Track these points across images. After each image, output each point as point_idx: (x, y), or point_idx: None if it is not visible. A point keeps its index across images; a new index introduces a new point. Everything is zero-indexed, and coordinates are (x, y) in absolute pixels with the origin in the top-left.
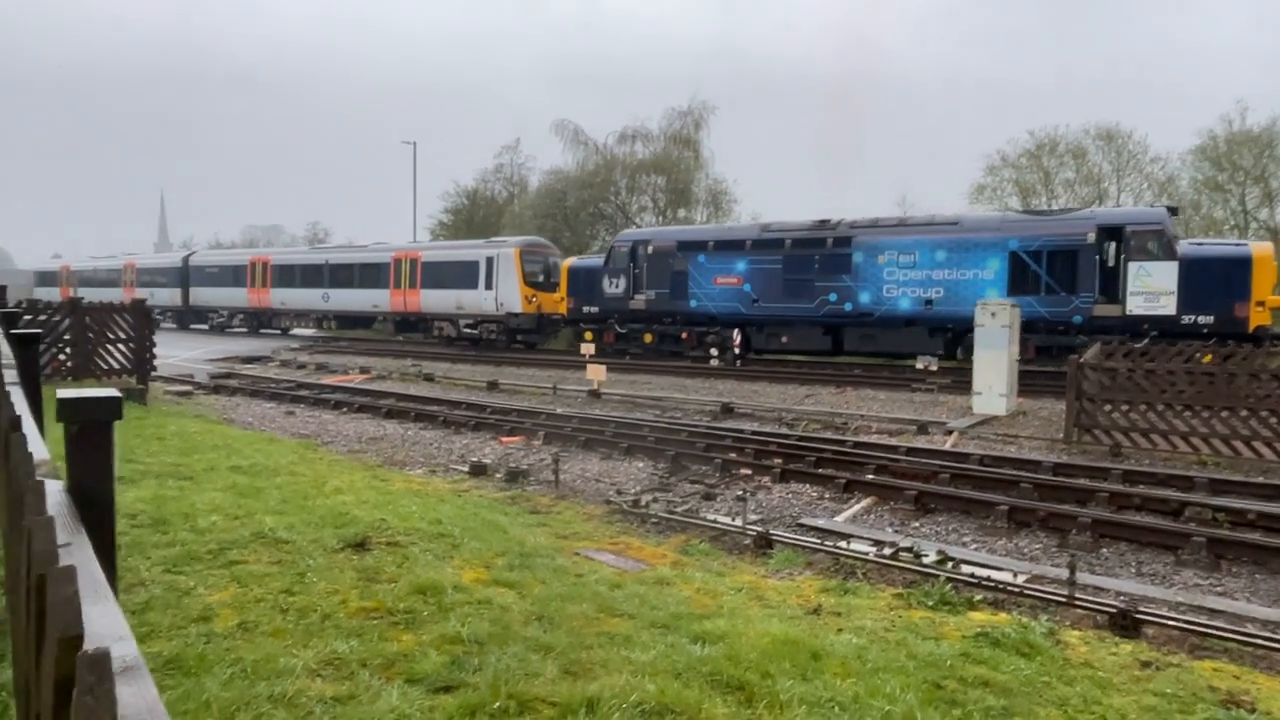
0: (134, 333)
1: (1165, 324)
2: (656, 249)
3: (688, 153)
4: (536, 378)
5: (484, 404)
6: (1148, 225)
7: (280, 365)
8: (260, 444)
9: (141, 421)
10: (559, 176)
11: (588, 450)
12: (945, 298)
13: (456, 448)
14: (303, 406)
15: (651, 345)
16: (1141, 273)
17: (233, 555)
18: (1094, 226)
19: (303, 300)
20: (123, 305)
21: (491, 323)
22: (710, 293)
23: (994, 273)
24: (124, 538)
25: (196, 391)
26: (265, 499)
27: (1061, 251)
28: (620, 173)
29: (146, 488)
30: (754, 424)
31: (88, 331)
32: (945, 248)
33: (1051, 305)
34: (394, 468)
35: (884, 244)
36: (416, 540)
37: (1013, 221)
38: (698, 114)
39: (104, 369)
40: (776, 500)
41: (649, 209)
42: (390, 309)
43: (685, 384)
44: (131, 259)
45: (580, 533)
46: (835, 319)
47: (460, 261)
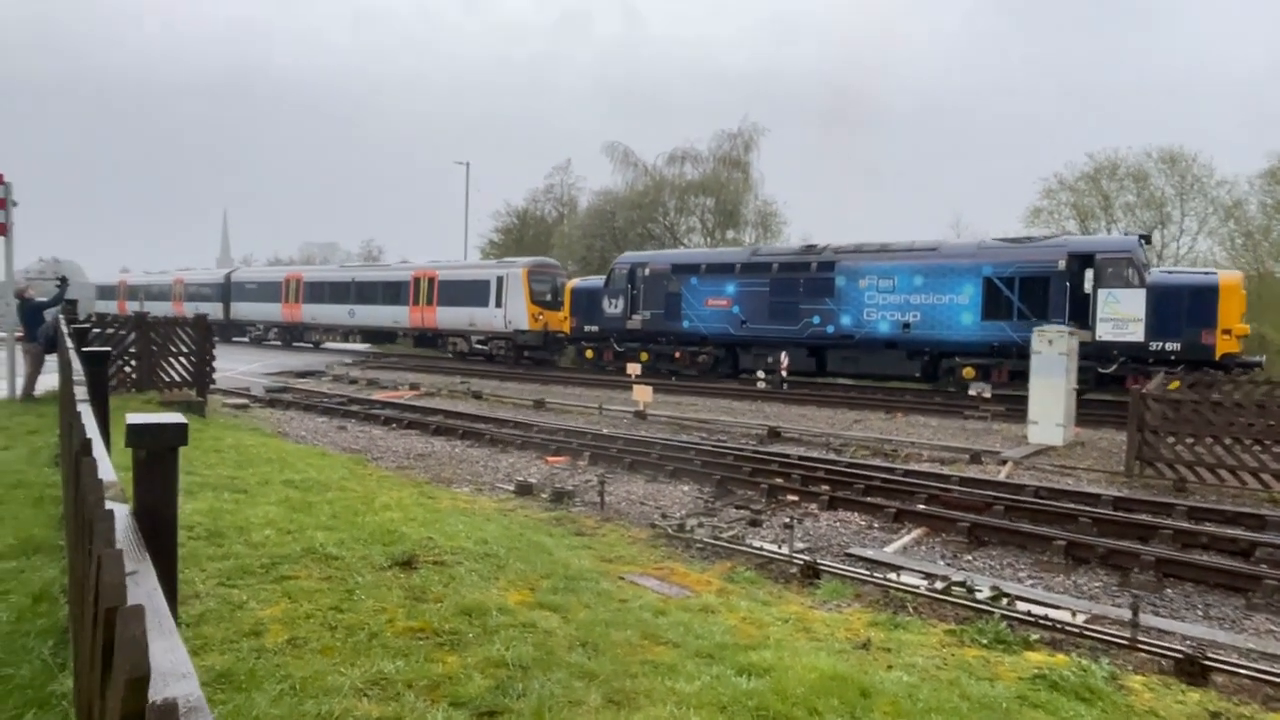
0: (195, 346)
1: (1134, 350)
2: (653, 271)
3: (737, 174)
4: (583, 397)
5: (531, 423)
6: (1117, 253)
7: (333, 380)
8: (313, 458)
9: (200, 434)
10: (608, 197)
11: (633, 472)
12: (922, 321)
13: (503, 466)
14: (354, 421)
15: (647, 364)
16: (1111, 299)
17: (284, 570)
18: (1065, 254)
19: (331, 315)
20: (185, 320)
21: (500, 339)
22: (702, 314)
23: (969, 298)
24: (181, 550)
25: (253, 405)
26: (316, 514)
27: (1034, 278)
28: (669, 193)
29: (204, 500)
30: (801, 449)
31: (151, 345)
32: (923, 273)
33: (1024, 331)
34: (441, 485)
35: (865, 269)
36: (463, 560)
37: (988, 248)
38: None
39: (166, 382)
40: (824, 528)
41: (697, 230)
42: (409, 325)
43: (732, 407)
44: (180, 275)
45: (625, 556)
46: (818, 341)
47: (473, 281)
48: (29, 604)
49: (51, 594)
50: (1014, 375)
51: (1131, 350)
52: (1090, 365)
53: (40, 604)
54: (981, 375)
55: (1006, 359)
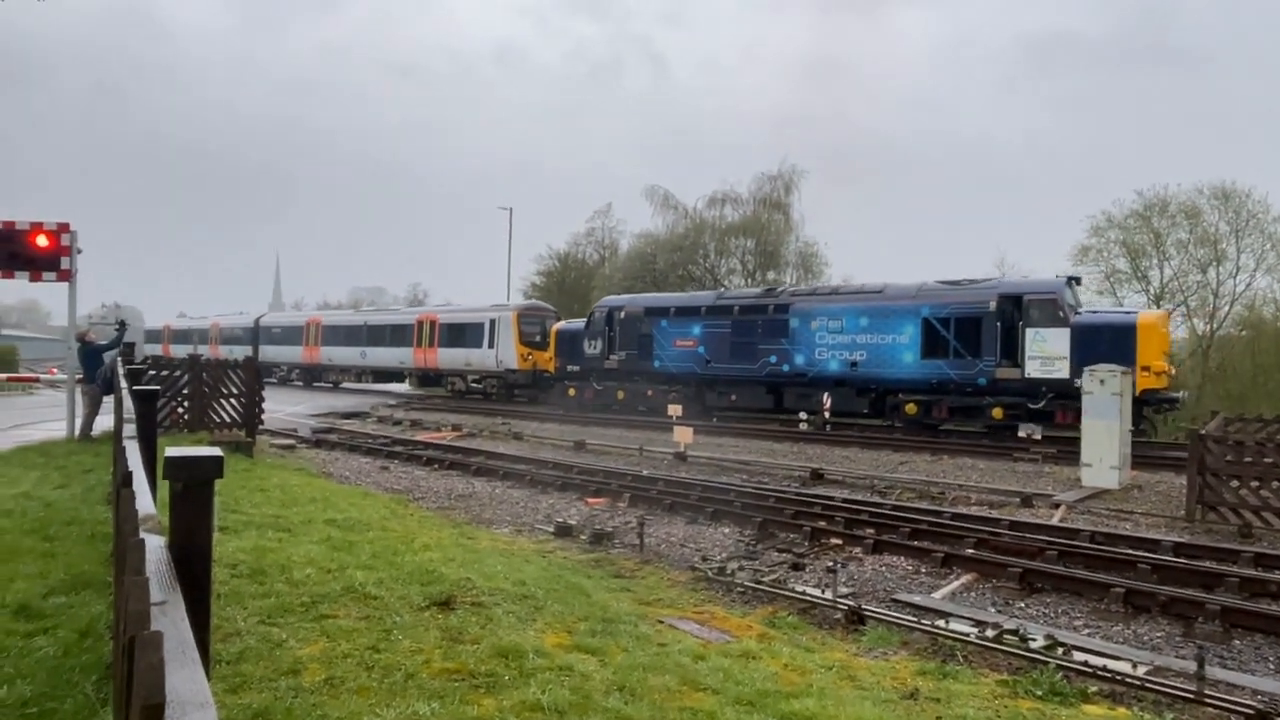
0: (244, 388)
1: (1060, 387)
2: (628, 314)
3: (777, 216)
4: (623, 438)
5: (571, 464)
6: (1043, 294)
7: (377, 421)
8: (355, 498)
9: (248, 473)
10: (649, 240)
11: (673, 514)
12: (868, 360)
13: (543, 507)
14: (397, 462)
15: (624, 401)
16: (1037, 339)
17: (324, 609)
18: (995, 295)
19: (345, 357)
20: (236, 363)
21: (493, 378)
22: (671, 354)
23: (909, 338)
24: (224, 587)
25: (299, 445)
26: (357, 553)
27: (968, 318)
28: (710, 236)
29: (248, 538)
30: (845, 491)
31: (203, 387)
32: (868, 314)
33: (959, 368)
34: (481, 526)
35: (817, 310)
36: (500, 601)
37: (927, 290)
38: (787, 178)
39: (217, 422)
40: (869, 573)
41: (738, 271)
42: (414, 365)
43: (773, 448)
44: (217, 320)
45: (664, 599)
46: (775, 379)
47: (469, 324)
48: (75, 639)
49: (97, 629)
50: (953, 411)
51: (1058, 386)
52: (1021, 401)
53: (86, 639)
54: (923, 411)
55: (945, 395)
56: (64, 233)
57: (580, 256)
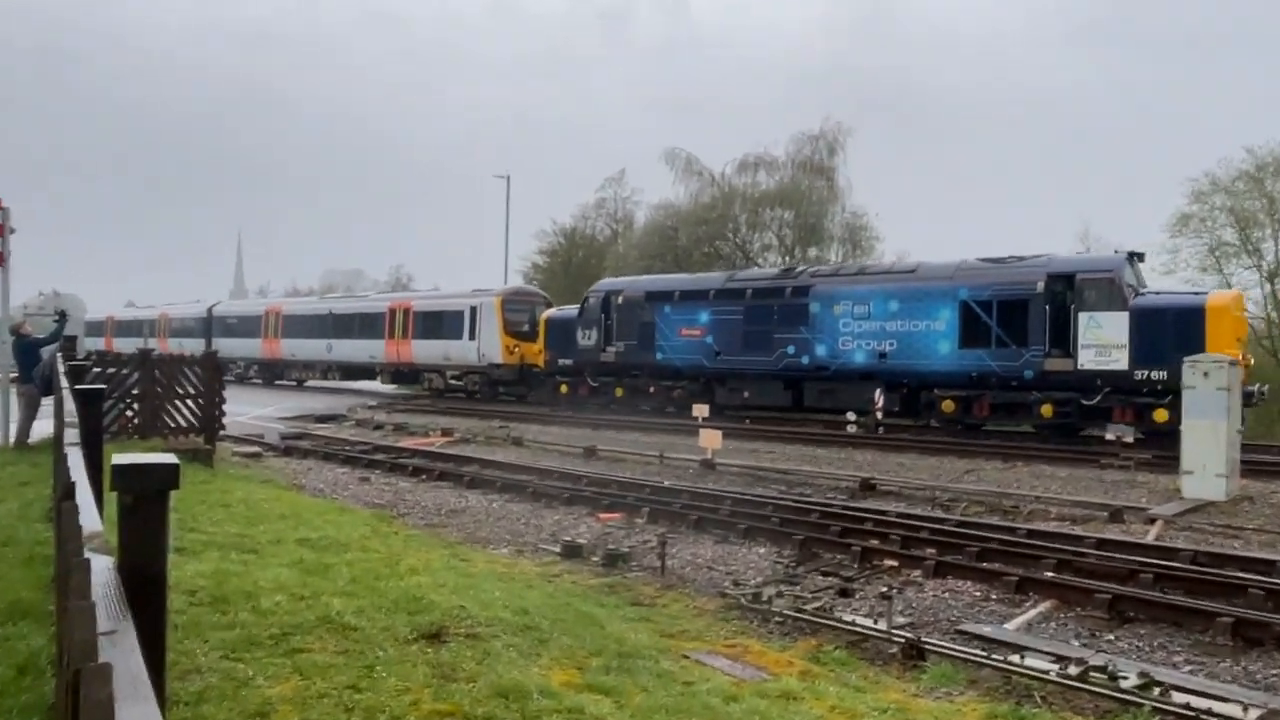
0: (203, 388)
1: (1118, 380)
2: (627, 299)
3: (820, 182)
4: (640, 444)
5: (580, 473)
6: (1098, 272)
7: (356, 425)
8: (331, 514)
9: (207, 486)
10: (669, 211)
11: (700, 531)
12: (899, 350)
13: (547, 524)
14: (378, 472)
15: (623, 399)
16: (1092, 324)
17: (296, 642)
18: (1044, 274)
19: (309, 351)
20: (193, 358)
21: (475, 374)
22: (675, 345)
23: (945, 324)
24: (182, 617)
25: (266, 453)
26: (334, 578)
27: (1012, 301)
28: (740, 206)
29: (208, 561)
30: (901, 504)
31: (156, 387)
32: (899, 298)
33: (1002, 359)
34: (476, 546)
35: (840, 294)
36: (499, 633)
37: (966, 269)
38: (831, 137)
39: (171, 427)
40: (930, 600)
41: (774, 247)
42: (385, 360)
43: (816, 454)
44: (165, 309)
45: (690, 631)
46: (793, 373)
47: (447, 311)
48: (13, 676)
49: (38, 664)
50: (995, 408)
51: (1115, 380)
52: (1073, 397)
53: (25, 676)
54: (961, 409)
55: (987, 390)
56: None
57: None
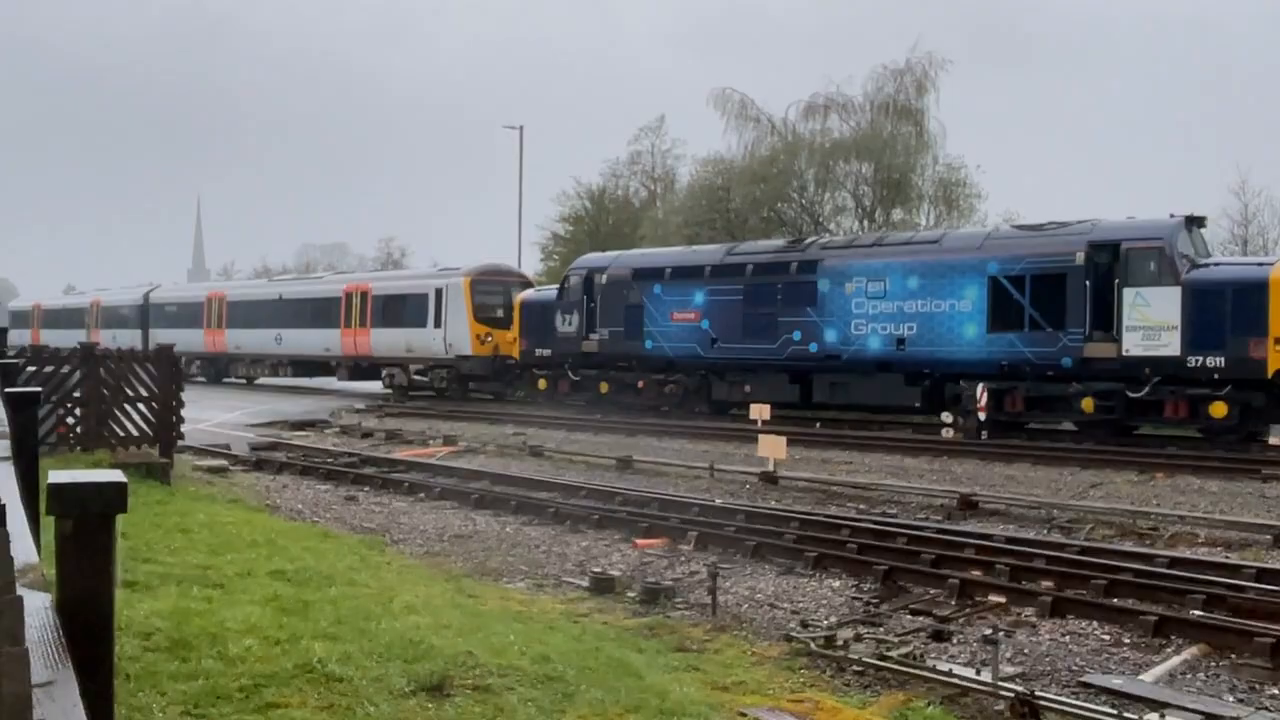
0: (157, 389)
1: (1168, 367)
2: (611, 278)
3: (906, 127)
4: (685, 453)
5: (612, 489)
6: (1146, 241)
7: (340, 433)
8: (311, 540)
9: (163, 507)
10: (719, 166)
11: (759, 560)
12: (919, 336)
13: (573, 552)
14: (367, 490)
15: (608, 396)
16: (1139, 301)
17: (270, 695)
18: (1084, 244)
19: (257, 343)
20: (145, 354)
21: (442, 368)
22: (666, 331)
23: (972, 304)
24: (135, 664)
25: (233, 467)
26: (315, 618)
27: (1048, 276)
28: (807, 159)
29: (165, 597)
30: (1009, 526)
31: (102, 388)
32: (919, 273)
33: (1036, 344)
34: (486, 579)
35: (852, 269)
36: (515, 684)
37: (996, 239)
38: (920, 72)
39: (120, 436)
40: (1045, 644)
41: (849, 209)
42: (342, 352)
43: (903, 465)
44: (97, 297)
45: (747, 682)
46: (800, 363)
47: (409, 294)
48: None
49: None
50: (1031, 403)
51: (1165, 367)
52: (1118, 388)
53: None
54: (992, 403)
55: (1020, 381)
56: None
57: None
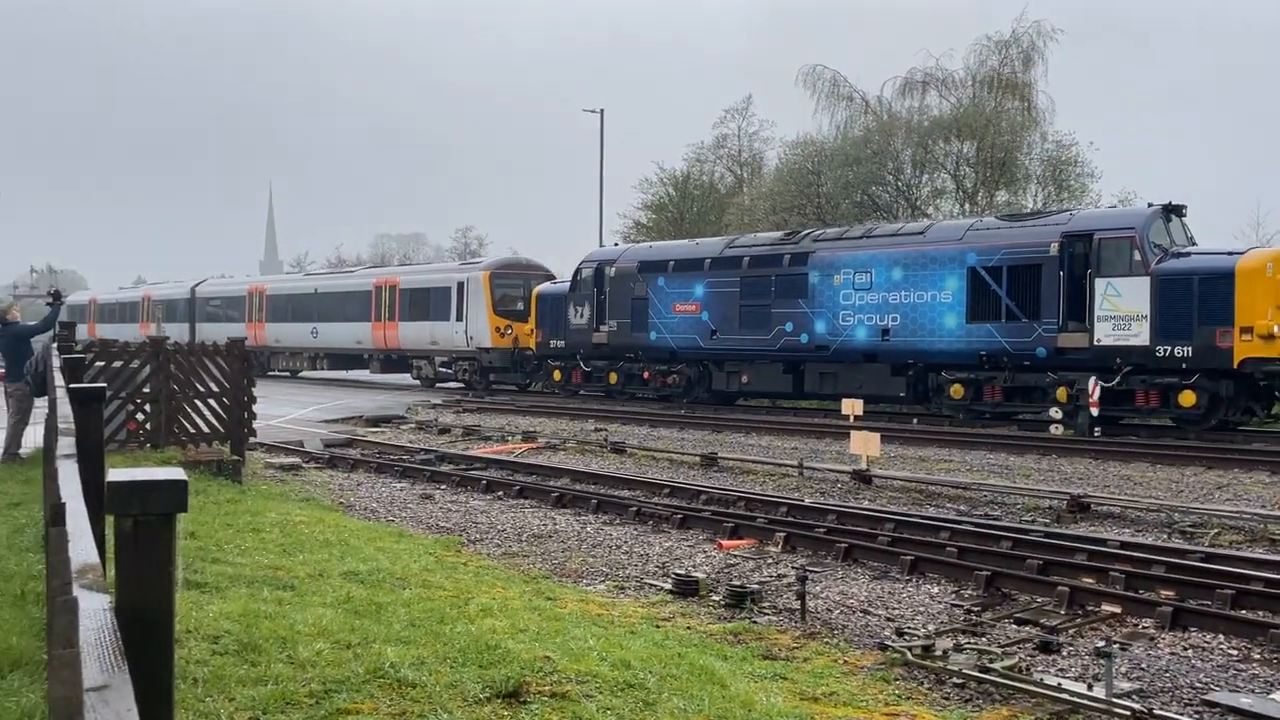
0: (228, 385)
1: (1138, 356)
2: (619, 271)
3: (1012, 103)
4: (773, 450)
5: (696, 488)
6: (1118, 231)
7: (416, 429)
8: (385, 541)
9: (234, 506)
10: (809, 149)
11: (851, 564)
12: (902, 326)
13: (655, 553)
14: (444, 488)
15: (618, 386)
16: (1110, 292)
17: (341, 700)
18: (1059, 234)
19: (295, 336)
20: (216, 348)
21: (465, 360)
22: (669, 323)
23: (952, 295)
24: (202, 668)
25: (306, 465)
26: (388, 621)
27: (1024, 267)
28: (904, 139)
29: (235, 599)
30: (1125, 530)
31: (172, 383)
32: (903, 264)
33: (1013, 334)
34: (565, 580)
35: (841, 261)
36: (594, 691)
37: (978, 230)
38: (1026, 44)
39: (191, 433)
40: (1165, 659)
41: (949, 192)
42: (373, 345)
43: (1007, 464)
44: (149, 290)
45: (839, 694)
46: (793, 354)
47: (433, 288)
48: None
49: None
50: (1009, 392)
51: (1135, 356)
52: (1090, 377)
53: None
54: (971, 393)
55: (998, 371)
56: None
57: (707, 178)
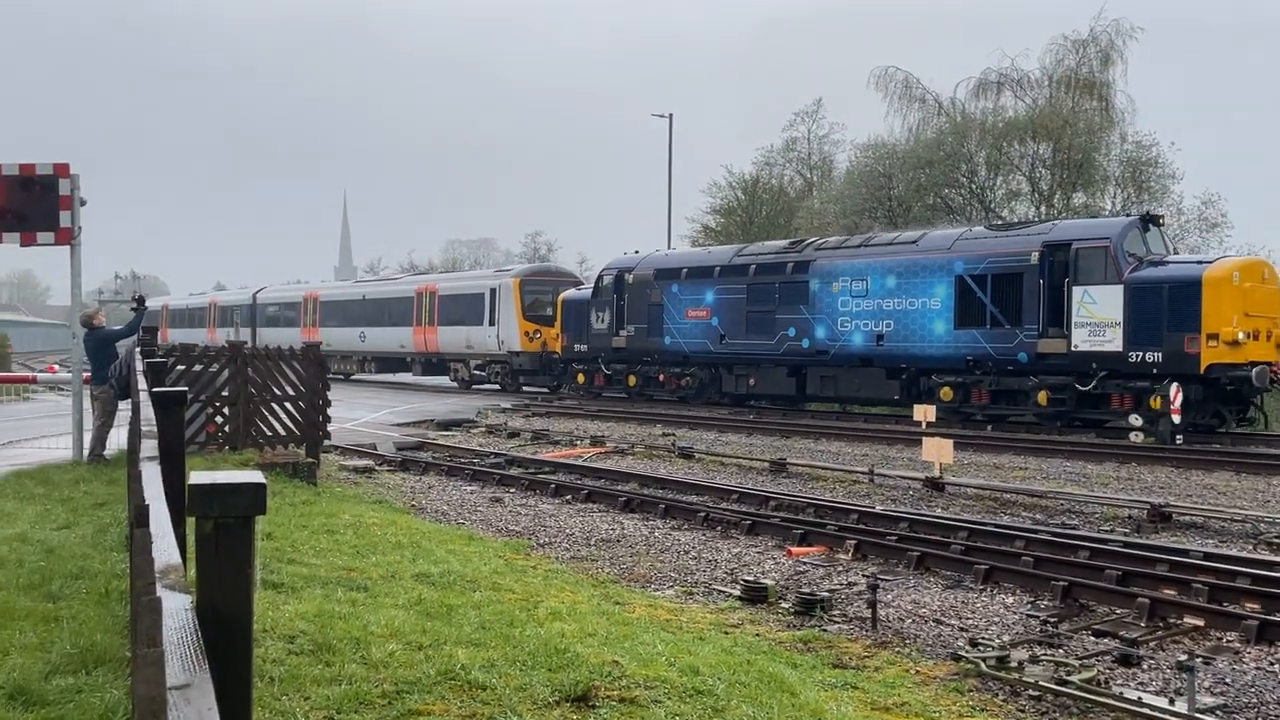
0: (304, 388)
1: (1112, 362)
2: (637, 278)
3: (1090, 103)
4: (843, 456)
5: (765, 493)
6: (1094, 241)
7: (486, 432)
8: (456, 544)
9: (309, 508)
10: (881, 152)
11: (923, 573)
12: (895, 332)
13: (724, 559)
14: (513, 492)
15: (635, 389)
16: (1086, 299)
17: (413, 701)
18: (1040, 244)
19: (345, 340)
20: (292, 352)
21: (497, 363)
22: (682, 328)
23: (941, 302)
24: (279, 667)
25: (379, 468)
26: (458, 623)
27: (1007, 275)
28: (978, 140)
29: (310, 600)
30: (1208, 541)
31: (250, 387)
32: (896, 272)
33: (997, 340)
34: (633, 585)
35: (839, 269)
36: (662, 697)
37: (966, 240)
38: (1105, 42)
39: (268, 436)
40: (1250, 674)
41: (1024, 194)
42: (414, 349)
43: (1085, 472)
44: (214, 297)
45: (910, 704)
46: (796, 358)
47: (468, 294)
48: None
49: None
50: (995, 395)
51: (1109, 362)
52: (1068, 382)
53: None
54: (960, 396)
55: (985, 375)
56: (62, 177)
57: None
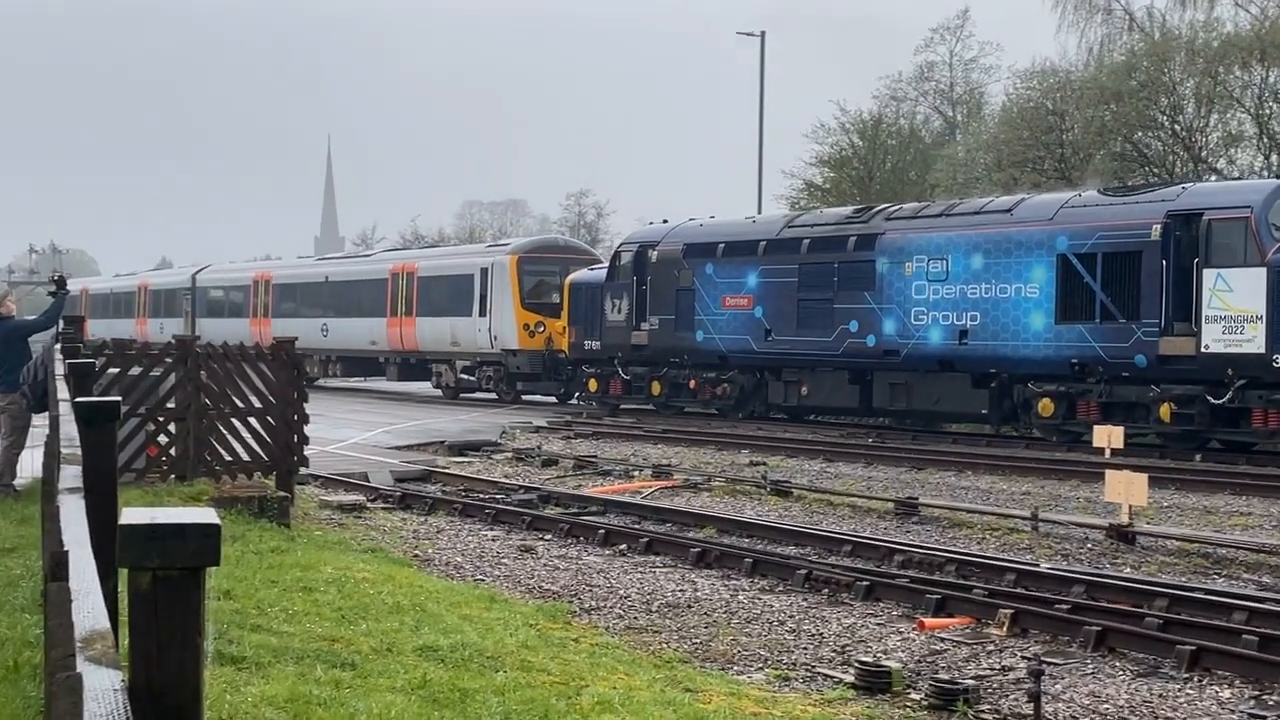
0: (274, 399)
1: (1251, 366)
2: (662, 256)
3: None
4: (994, 495)
5: (889, 544)
6: (1230, 211)
7: (513, 459)
8: (473, 607)
9: (280, 557)
10: (1049, 81)
11: (1105, 654)
12: (982, 327)
13: (832, 633)
14: (549, 538)
15: (660, 398)
16: (1220, 286)
17: None
18: (1163, 214)
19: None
20: (259, 351)
21: (489, 364)
22: (718, 320)
23: (1039, 288)
24: None
25: (371, 504)
26: (476, 714)
27: (1120, 254)
28: (1184, 65)
29: (280, 680)
30: None
31: (204, 396)
32: (984, 250)
33: (1108, 339)
34: (710, 666)
35: (912, 245)
36: None
37: (1071, 209)
38: None
39: (226, 461)
40: None
41: (1248, 138)
42: (388, 346)
43: None
44: (146, 278)
45: None
46: (858, 360)
47: (453, 275)
48: None
49: None
50: (1107, 409)
51: (1249, 367)
52: (1197, 393)
53: None
54: (1063, 410)
55: (1093, 383)
56: None
57: (906, 123)
